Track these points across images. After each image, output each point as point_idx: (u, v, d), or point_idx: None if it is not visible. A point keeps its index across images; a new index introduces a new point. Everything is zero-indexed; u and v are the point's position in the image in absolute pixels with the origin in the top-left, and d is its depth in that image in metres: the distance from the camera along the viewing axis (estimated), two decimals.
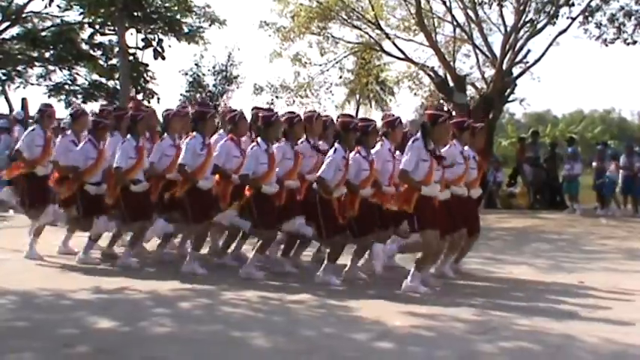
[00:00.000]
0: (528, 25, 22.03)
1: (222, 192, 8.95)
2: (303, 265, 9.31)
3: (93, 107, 17.13)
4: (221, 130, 9.73)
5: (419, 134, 7.92)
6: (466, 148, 8.84)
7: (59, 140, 9.96)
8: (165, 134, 9.43)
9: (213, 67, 32.57)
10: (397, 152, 8.81)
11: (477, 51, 23.37)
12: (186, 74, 32.33)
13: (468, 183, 8.78)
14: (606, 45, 21.41)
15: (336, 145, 8.42)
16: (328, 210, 8.33)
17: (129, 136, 9.17)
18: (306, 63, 25.95)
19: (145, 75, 27.20)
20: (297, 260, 9.34)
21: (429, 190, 7.71)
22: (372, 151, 8.64)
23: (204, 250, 9.59)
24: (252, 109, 9.68)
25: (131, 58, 25.32)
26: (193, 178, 8.71)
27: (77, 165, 9.32)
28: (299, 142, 8.99)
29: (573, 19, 21.32)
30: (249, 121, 9.39)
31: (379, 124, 9.06)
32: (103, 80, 28.98)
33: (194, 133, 8.88)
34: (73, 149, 9.58)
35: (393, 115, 9.33)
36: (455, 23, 23.37)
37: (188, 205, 8.81)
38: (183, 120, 9.59)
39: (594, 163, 19.44)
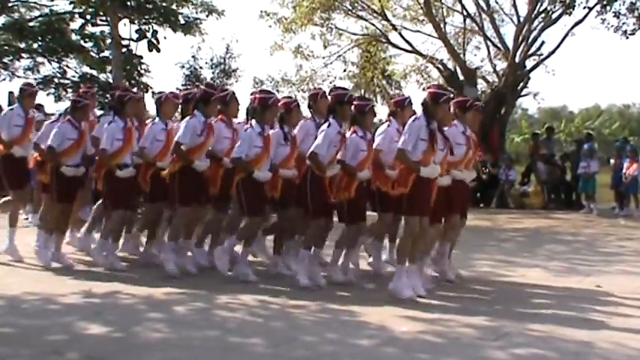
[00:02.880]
0: (543, 15, 22.02)
1: (212, 175, 8.90)
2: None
3: None
4: None
5: (420, 113, 7.86)
6: (467, 128, 8.73)
7: (45, 125, 9.98)
8: (157, 118, 9.43)
9: (211, 60, 32.70)
10: None
11: (489, 43, 23.42)
12: (183, 67, 32.44)
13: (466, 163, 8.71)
14: (626, 37, 21.33)
15: (330, 119, 8.34)
16: (318, 188, 8.25)
17: (116, 117, 9.15)
18: (308, 56, 26.03)
19: (138, 68, 27.16)
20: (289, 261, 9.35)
21: (427, 171, 7.61)
22: (380, 130, 8.63)
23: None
24: (252, 94, 9.67)
25: (124, 50, 25.22)
26: (188, 158, 8.68)
27: (53, 145, 9.23)
28: (302, 121, 9.02)
29: (590, 9, 21.28)
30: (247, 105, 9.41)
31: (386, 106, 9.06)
32: (95, 73, 28.93)
33: (196, 112, 8.85)
34: None
35: (403, 95, 9.28)
36: (465, 13, 23.42)
37: (177, 185, 8.74)
38: (175, 104, 9.61)
39: (612, 161, 19.39)
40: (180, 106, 9.60)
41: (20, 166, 9.79)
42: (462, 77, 22.62)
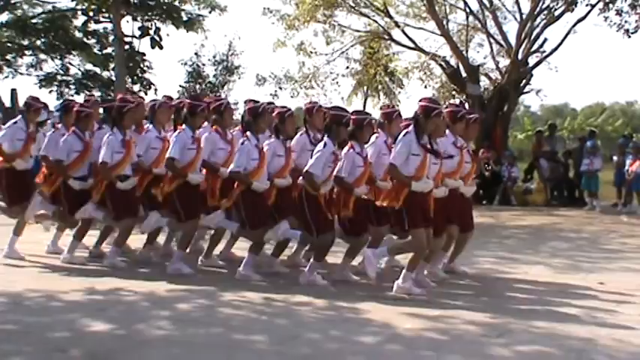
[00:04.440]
0: (545, 12, 21.95)
1: (210, 187, 8.92)
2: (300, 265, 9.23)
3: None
4: (205, 123, 9.56)
5: (411, 127, 7.83)
6: (459, 138, 8.66)
7: (49, 135, 9.94)
8: (150, 126, 9.41)
9: (214, 57, 32.64)
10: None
11: (491, 40, 23.36)
12: (186, 64, 32.43)
13: (462, 177, 8.67)
14: (629, 36, 21.30)
15: (325, 138, 8.30)
16: (316, 206, 8.21)
17: (114, 129, 9.10)
18: (311, 53, 25.97)
19: (141, 65, 27.19)
20: (295, 259, 9.38)
21: (420, 185, 7.60)
22: (368, 143, 8.61)
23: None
24: (245, 102, 9.65)
25: (127, 47, 25.30)
26: (182, 173, 8.67)
27: (61, 158, 9.30)
28: (298, 134, 9.02)
29: (593, 6, 21.23)
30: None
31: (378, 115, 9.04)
32: (98, 70, 28.97)
33: (183, 127, 8.84)
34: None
35: (393, 107, 9.28)
36: (468, 10, 23.35)
37: (177, 202, 8.78)
38: (170, 111, 9.58)
39: (615, 158, 19.38)
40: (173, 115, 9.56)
41: (22, 179, 9.76)
42: (464, 74, 22.58)
